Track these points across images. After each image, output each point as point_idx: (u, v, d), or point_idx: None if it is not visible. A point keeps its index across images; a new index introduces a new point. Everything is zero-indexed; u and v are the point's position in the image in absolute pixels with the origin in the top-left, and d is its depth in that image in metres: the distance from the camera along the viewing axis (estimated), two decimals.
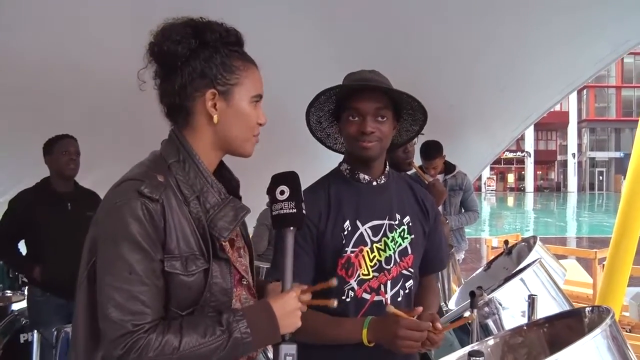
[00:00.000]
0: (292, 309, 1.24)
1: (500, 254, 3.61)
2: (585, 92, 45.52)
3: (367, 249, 1.69)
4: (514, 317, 2.08)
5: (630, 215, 4.62)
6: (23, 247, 3.55)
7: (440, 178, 4.55)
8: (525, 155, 48.97)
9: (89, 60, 3.15)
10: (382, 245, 1.71)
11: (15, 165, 4.27)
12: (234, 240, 1.35)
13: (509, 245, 3.54)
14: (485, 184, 47.09)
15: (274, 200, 1.32)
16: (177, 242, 1.19)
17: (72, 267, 3.45)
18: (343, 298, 1.67)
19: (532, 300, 1.84)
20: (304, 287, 1.34)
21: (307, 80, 2.97)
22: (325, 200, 1.72)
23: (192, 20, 1.27)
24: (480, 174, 6.89)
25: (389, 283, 1.71)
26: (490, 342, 1.76)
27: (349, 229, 1.69)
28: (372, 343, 1.58)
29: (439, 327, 1.53)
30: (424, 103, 1.71)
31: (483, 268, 3.70)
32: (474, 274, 3.77)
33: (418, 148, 4.10)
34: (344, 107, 1.67)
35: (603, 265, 5.09)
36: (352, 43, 3.63)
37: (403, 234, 1.74)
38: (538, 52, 4.00)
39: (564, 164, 49.45)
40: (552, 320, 1.71)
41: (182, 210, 1.21)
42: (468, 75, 4.31)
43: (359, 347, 1.58)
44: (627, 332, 5.02)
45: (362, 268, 1.68)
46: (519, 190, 50.31)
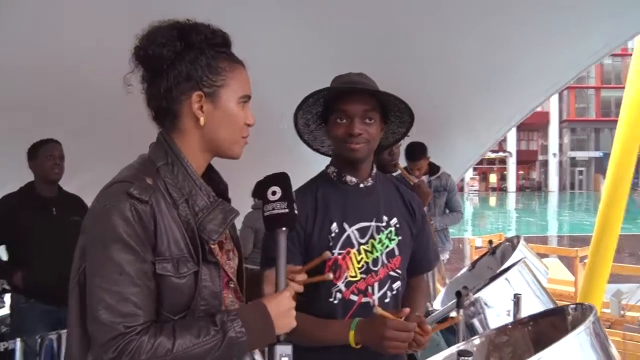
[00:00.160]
0: (286, 309, 1.24)
1: (485, 254, 3.64)
2: (566, 92, 45.94)
3: (354, 251, 1.70)
4: (499, 316, 2.10)
5: (610, 215, 4.70)
6: (3, 252, 3.49)
7: (425, 179, 4.58)
8: (507, 156, 49.33)
9: (74, 64, 3.11)
10: (369, 247, 1.72)
11: None
12: (223, 243, 1.35)
13: (493, 245, 3.57)
14: (468, 184, 47.32)
15: (266, 201, 1.31)
16: (167, 244, 1.18)
17: (57, 271, 3.39)
18: (330, 300, 1.68)
19: (517, 299, 1.86)
20: (298, 267, 1.35)
21: (293, 82, 2.98)
22: (313, 203, 1.73)
23: (178, 23, 1.25)
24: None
25: (377, 285, 1.72)
26: (476, 341, 1.78)
27: (336, 231, 1.70)
28: (359, 345, 1.59)
29: (428, 329, 1.55)
30: (409, 104, 1.72)
31: (467, 268, 3.73)
32: (459, 274, 3.80)
33: (402, 149, 4.13)
34: (332, 109, 1.69)
35: (584, 264, 5.17)
36: (338, 44, 3.63)
37: (390, 236, 1.76)
38: (521, 53, 4.03)
39: (545, 164, 49.89)
40: (536, 319, 1.74)
41: (171, 213, 1.20)
42: (452, 77, 4.32)
43: (347, 348, 1.59)
44: (607, 328, 5.10)
45: (349, 270, 1.69)
46: (501, 190, 50.66)
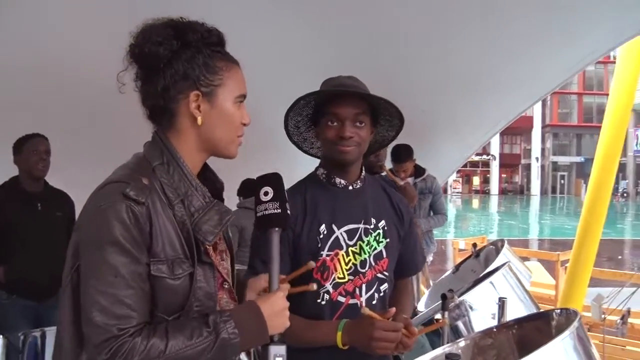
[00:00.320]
0: (280, 309, 1.24)
1: (469, 257, 3.65)
2: (549, 98, 46.42)
3: (342, 253, 1.71)
4: (484, 319, 2.12)
5: (592, 221, 4.79)
6: None
7: (410, 181, 4.60)
8: (491, 159, 49.77)
9: (62, 60, 3.08)
10: (357, 249, 1.73)
11: None
12: (217, 244, 1.34)
13: (477, 248, 3.59)
14: (451, 187, 47.65)
15: (259, 202, 1.31)
16: (162, 245, 1.17)
17: (41, 267, 3.38)
18: (318, 301, 1.69)
19: (502, 303, 1.89)
20: (282, 276, 1.34)
21: (282, 84, 2.99)
22: (302, 204, 1.73)
23: (172, 21, 1.25)
24: None
25: (364, 286, 1.73)
26: (461, 343, 1.80)
27: (325, 233, 1.71)
28: (346, 346, 1.60)
29: (415, 331, 1.56)
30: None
31: (451, 271, 3.74)
32: (443, 276, 3.81)
33: (388, 151, 4.14)
34: (323, 112, 1.69)
35: (565, 268, 5.24)
36: (329, 46, 3.64)
37: (378, 238, 1.77)
38: (509, 58, 4.07)
39: (528, 168, 50.41)
40: (521, 323, 1.76)
41: (166, 214, 1.19)
42: (439, 80, 4.35)
43: (336, 349, 1.60)
44: (587, 331, 5.18)
45: (337, 271, 1.70)
46: (484, 193, 51.10)
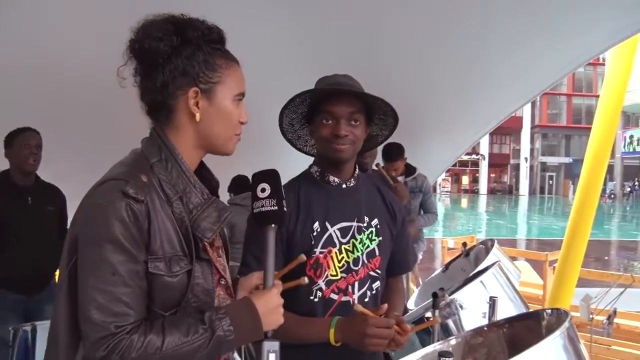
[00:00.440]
0: (274, 306, 1.25)
1: (459, 256, 3.68)
2: (539, 98, 46.78)
3: (335, 250, 1.72)
4: (474, 317, 2.14)
5: (581, 221, 4.83)
6: None
7: (401, 180, 4.62)
8: (480, 158, 50.00)
9: (54, 54, 3.05)
10: (350, 247, 1.74)
11: None
12: (214, 240, 1.35)
13: (467, 248, 3.62)
14: (440, 186, 47.83)
15: (255, 198, 1.31)
16: (160, 243, 1.17)
17: (31, 261, 3.36)
18: (311, 298, 1.70)
19: (492, 302, 1.90)
20: (274, 272, 1.34)
21: (275, 82, 2.98)
22: (295, 202, 1.73)
23: (172, 17, 1.25)
24: None
25: (357, 284, 1.74)
26: (452, 341, 1.81)
27: (318, 230, 1.71)
28: (339, 343, 1.60)
29: (407, 328, 1.57)
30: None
31: (441, 269, 3.77)
32: (432, 275, 3.84)
33: (379, 150, 4.15)
34: (318, 110, 1.69)
35: (554, 268, 5.29)
36: (315, 45, 3.63)
37: (371, 236, 1.77)
38: (500, 58, 4.09)
39: (517, 168, 50.67)
40: (511, 322, 1.78)
41: (165, 211, 1.19)
42: (430, 80, 4.37)
43: (328, 346, 1.61)
44: None
45: (330, 269, 1.71)
46: (473, 192, 51.35)
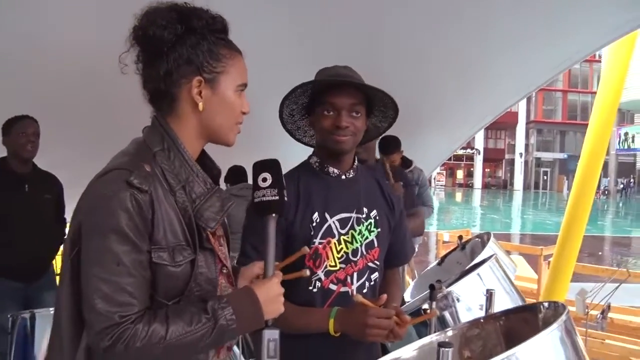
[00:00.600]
0: (275, 295, 1.26)
1: (454, 249, 3.70)
2: (534, 94, 46.84)
3: (334, 241, 1.72)
4: (470, 310, 2.15)
5: (576, 217, 4.86)
6: None
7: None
8: (475, 153, 50.10)
9: (53, 41, 3.03)
10: (349, 238, 1.74)
11: None
12: (215, 229, 1.34)
13: (463, 241, 3.64)
14: (435, 179, 47.90)
15: (256, 188, 1.32)
16: (164, 233, 1.18)
17: (29, 249, 3.36)
18: (310, 288, 1.70)
19: (489, 295, 1.91)
20: (276, 263, 1.35)
21: (275, 74, 2.97)
22: (295, 192, 1.73)
23: (177, 5, 1.24)
24: None
25: (355, 275, 1.75)
26: (450, 333, 1.82)
27: (318, 221, 1.72)
28: (338, 333, 1.61)
29: (407, 319, 1.58)
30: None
31: (437, 262, 3.79)
32: (428, 268, 3.86)
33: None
34: (319, 101, 1.69)
35: (548, 262, 5.32)
36: (313, 38, 3.62)
37: (370, 227, 1.78)
38: (498, 52, 4.09)
39: (511, 163, 50.81)
40: (508, 314, 1.78)
41: (168, 201, 1.19)
42: (427, 74, 4.37)
43: (326, 336, 1.62)
44: None
45: (329, 259, 1.71)
46: (467, 187, 51.49)
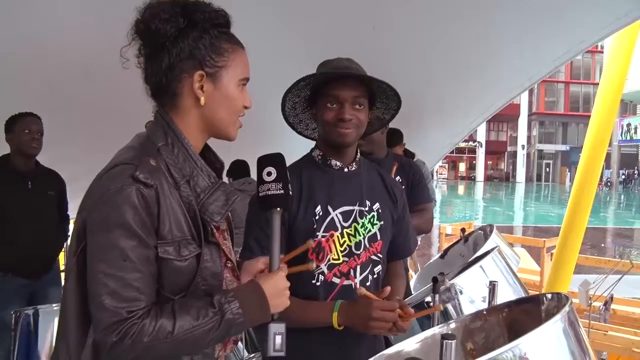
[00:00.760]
0: (281, 289, 1.27)
1: (457, 242, 3.70)
2: (536, 86, 46.70)
3: (337, 234, 1.73)
4: (473, 302, 2.15)
5: (579, 208, 4.85)
6: None
7: None
8: (477, 145, 50.04)
9: (48, 38, 3.01)
10: (352, 231, 1.74)
11: None
12: (219, 223, 1.35)
13: (466, 233, 3.64)
14: (437, 172, 47.85)
15: (261, 182, 1.32)
16: (169, 227, 1.18)
17: (34, 245, 3.38)
18: (313, 282, 1.71)
19: (492, 287, 1.91)
20: (280, 256, 1.35)
21: (275, 68, 2.96)
22: (297, 186, 1.74)
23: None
24: None
25: (358, 268, 1.75)
26: (452, 325, 1.82)
27: (320, 214, 1.72)
28: (342, 326, 1.61)
29: (411, 311, 1.58)
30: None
31: (439, 255, 3.80)
32: (431, 261, 3.86)
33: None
34: (322, 94, 1.69)
35: (551, 254, 5.32)
36: (316, 33, 3.61)
37: (373, 220, 1.78)
38: (499, 45, 4.09)
39: (514, 155, 50.73)
40: (511, 306, 1.78)
41: (173, 195, 1.19)
42: (429, 66, 4.37)
43: (329, 330, 1.62)
44: None
45: (332, 253, 1.72)
46: (470, 179, 51.47)
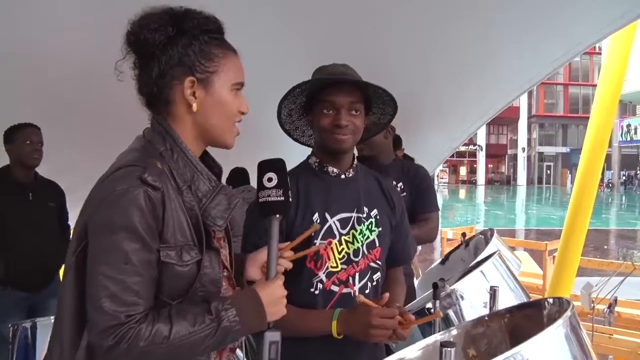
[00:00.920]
0: (278, 297, 1.26)
1: (458, 246, 3.69)
2: (535, 88, 46.71)
3: (335, 242, 1.71)
4: (475, 308, 2.13)
5: (580, 210, 4.83)
6: None
7: None
8: (477, 149, 50.02)
9: (49, 45, 3.02)
10: (350, 238, 1.73)
11: None
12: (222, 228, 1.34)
13: (467, 238, 3.62)
14: (438, 177, 47.80)
15: (261, 187, 1.31)
16: (173, 231, 1.17)
17: (34, 258, 3.37)
18: (312, 290, 1.69)
19: (493, 292, 1.89)
20: (284, 244, 1.37)
21: (270, 74, 2.96)
22: (295, 193, 1.71)
23: (170, 9, 1.24)
24: None
25: (357, 275, 1.73)
26: (454, 332, 1.80)
27: (318, 222, 1.69)
28: (341, 335, 1.59)
29: (411, 318, 1.56)
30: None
31: (440, 261, 3.78)
32: (431, 267, 3.84)
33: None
34: (317, 100, 1.68)
35: (553, 257, 5.30)
36: (314, 38, 3.60)
37: (371, 227, 1.76)
38: (497, 48, 4.08)
39: (514, 158, 50.72)
40: (512, 311, 1.76)
41: (177, 200, 1.19)
42: (427, 71, 4.36)
43: (328, 339, 1.60)
44: None
45: (330, 260, 1.70)
46: (471, 183, 51.40)
